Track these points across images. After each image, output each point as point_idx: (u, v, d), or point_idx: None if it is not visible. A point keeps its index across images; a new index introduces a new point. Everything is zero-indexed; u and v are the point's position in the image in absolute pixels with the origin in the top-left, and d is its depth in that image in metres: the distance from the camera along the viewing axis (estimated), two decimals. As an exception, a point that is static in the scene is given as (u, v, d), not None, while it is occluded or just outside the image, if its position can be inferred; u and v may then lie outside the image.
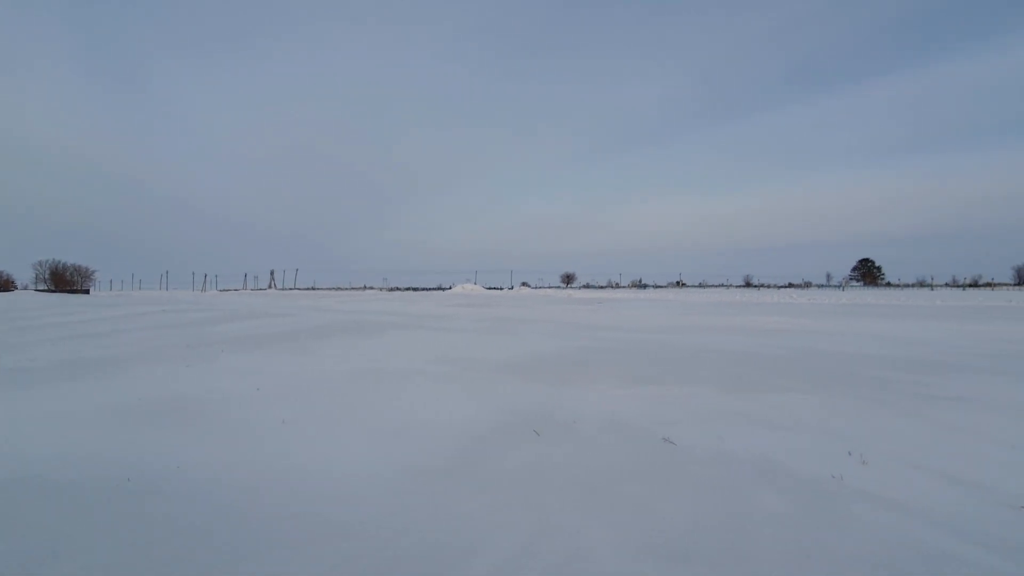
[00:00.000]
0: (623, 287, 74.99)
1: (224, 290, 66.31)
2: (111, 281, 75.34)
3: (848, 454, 2.30)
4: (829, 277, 76.41)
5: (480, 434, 2.64)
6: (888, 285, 70.19)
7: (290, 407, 3.17)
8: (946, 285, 61.21)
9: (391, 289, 66.70)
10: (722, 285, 76.50)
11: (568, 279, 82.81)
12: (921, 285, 63.01)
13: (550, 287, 70.40)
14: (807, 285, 72.12)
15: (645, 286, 75.18)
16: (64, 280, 56.69)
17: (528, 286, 65.78)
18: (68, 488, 1.96)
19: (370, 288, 70.20)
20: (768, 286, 71.97)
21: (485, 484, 2.01)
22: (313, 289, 67.07)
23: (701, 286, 75.72)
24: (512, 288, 59.23)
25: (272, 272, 73.21)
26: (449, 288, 56.87)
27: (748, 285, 76.11)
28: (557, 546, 1.53)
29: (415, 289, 65.98)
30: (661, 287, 71.50)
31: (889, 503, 1.81)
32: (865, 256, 79.66)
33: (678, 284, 78.06)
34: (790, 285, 72.38)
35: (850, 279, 76.23)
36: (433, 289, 65.46)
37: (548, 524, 1.67)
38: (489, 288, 57.00)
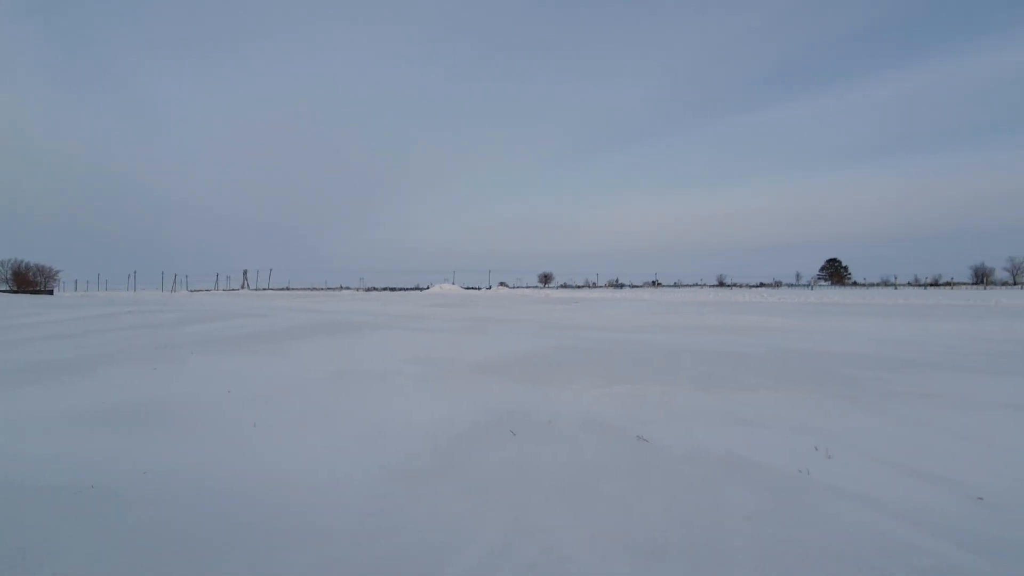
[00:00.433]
0: (600, 287, 75.68)
1: (195, 290, 64.42)
2: (76, 282, 72.54)
3: (815, 449, 2.36)
4: (798, 277, 78.50)
5: (457, 434, 2.63)
6: (855, 284, 72.55)
7: (262, 410, 3.11)
8: (909, 284, 63.56)
9: (368, 289, 65.90)
10: (696, 285, 77.86)
11: (546, 279, 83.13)
12: (885, 284, 65.33)
13: (528, 287, 70.58)
14: (777, 284, 73.99)
15: (622, 286, 76.00)
16: (27, 280, 54.30)
17: (506, 286, 65.78)
18: (30, 495, 1.88)
19: (346, 288, 69.18)
20: (740, 285, 73.63)
21: (462, 484, 2.00)
22: (288, 289, 65.74)
23: (676, 286, 76.89)
24: (490, 288, 59.13)
25: (245, 272, 71.48)
26: (427, 288, 56.45)
27: (721, 285, 77.66)
28: (533, 544, 1.54)
29: (392, 289, 65.28)
30: (637, 287, 72.43)
31: (852, 496, 1.87)
32: (833, 256, 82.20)
33: (654, 284, 79.17)
34: (761, 285, 74.18)
35: (818, 279, 78.43)
36: (411, 289, 64.88)
37: (524, 523, 1.67)
38: (467, 288, 56.77)
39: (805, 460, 2.23)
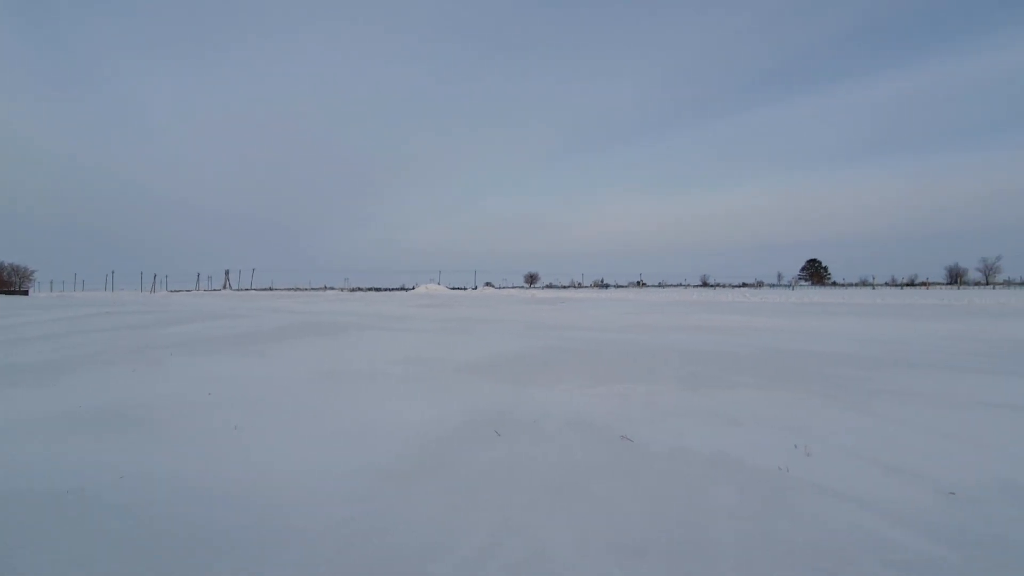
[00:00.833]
0: (585, 287, 76.01)
1: (175, 291, 63.15)
2: (52, 282, 70.63)
3: (794, 446, 2.41)
4: (780, 277, 79.84)
5: (442, 435, 2.63)
6: (834, 284, 74.00)
7: (244, 412, 3.07)
8: (886, 284, 64.90)
9: (352, 289, 65.29)
10: (680, 285, 78.63)
11: (531, 279, 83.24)
12: (864, 284, 66.65)
13: (514, 287, 70.56)
14: (759, 284, 75.13)
15: (607, 286, 76.43)
16: (1, 281, 52.91)
17: (492, 286, 65.72)
18: (4, 500, 1.83)
19: (330, 288, 68.44)
20: (724, 285, 74.59)
21: (447, 485, 2.01)
22: (271, 289, 64.79)
23: (661, 286, 77.54)
24: (476, 288, 59.06)
25: (227, 272, 70.09)
26: (412, 288, 56.15)
27: (705, 285, 78.60)
28: (518, 544, 1.55)
29: (377, 289, 64.75)
30: (622, 287, 72.90)
31: (830, 492, 1.91)
32: (813, 257, 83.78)
33: (639, 284, 79.75)
34: (744, 285, 75.27)
35: (799, 279, 79.83)
36: (396, 289, 64.48)
37: (509, 523, 1.68)
38: (453, 288, 56.60)
39: (785, 457, 2.27)
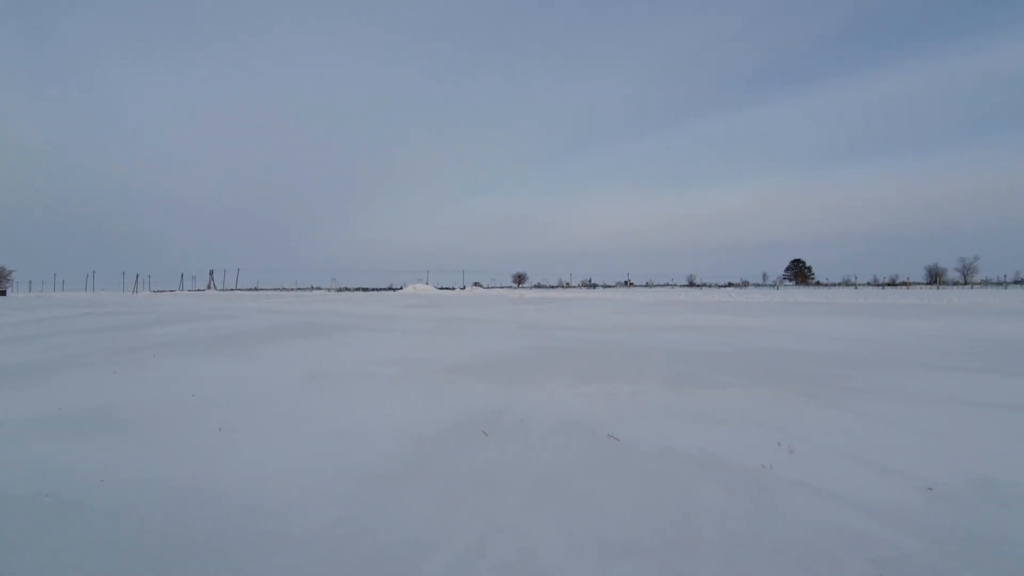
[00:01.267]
0: (573, 287, 76.26)
1: (158, 291, 62.06)
2: (31, 282, 69.04)
3: (777, 444, 2.45)
4: (765, 276, 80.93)
5: (429, 436, 2.62)
6: (817, 284, 75.20)
7: (228, 414, 3.03)
8: (868, 284, 66.11)
9: (340, 289, 64.71)
10: (667, 284, 79.26)
11: (520, 279, 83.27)
12: (846, 284, 67.88)
13: (502, 287, 70.54)
14: (745, 284, 76.14)
15: (595, 286, 76.78)
16: (-23, 280, 51.64)
17: (480, 286, 65.62)
18: (-27, 511, 1.79)
19: (317, 288, 67.80)
20: (710, 285, 75.40)
21: (437, 485, 2.00)
22: (256, 290, 63.94)
23: (648, 285, 78.07)
24: (464, 288, 58.92)
25: (211, 272, 68.92)
26: (400, 288, 55.86)
27: (691, 284, 79.33)
28: (506, 545, 1.55)
29: (365, 289, 64.28)
30: (610, 287, 73.30)
31: (813, 489, 1.94)
32: (797, 257, 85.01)
33: (626, 284, 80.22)
34: (730, 284, 76.16)
35: (784, 279, 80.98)
36: (384, 289, 64.09)
37: (497, 524, 1.68)
38: (441, 288, 56.43)
39: (768, 455, 2.30)
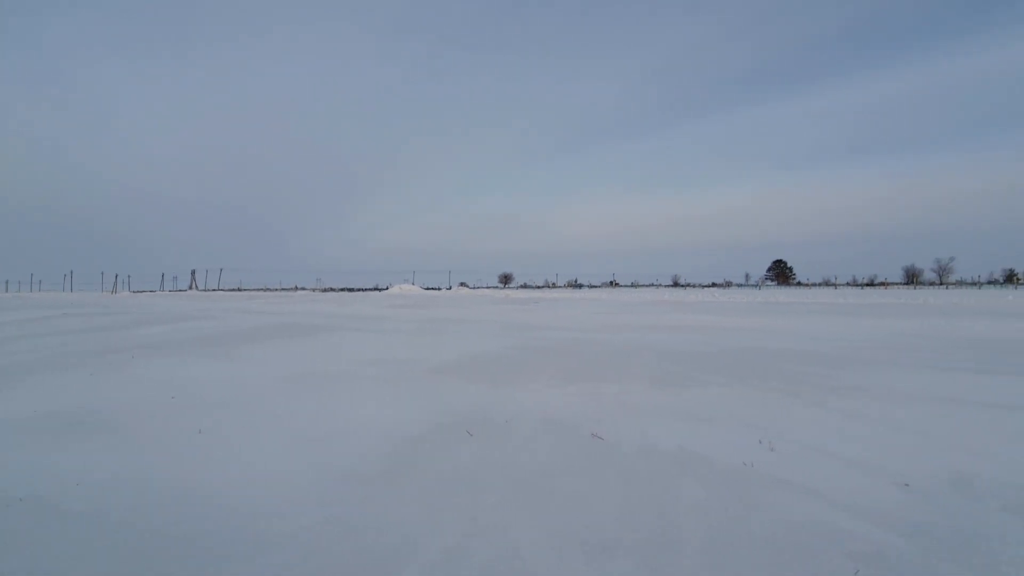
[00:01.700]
0: (559, 287, 76.54)
1: (138, 291, 60.70)
2: (7, 282, 67.21)
3: (759, 442, 2.48)
4: (747, 277, 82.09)
5: (414, 436, 2.60)
6: (798, 284, 76.47)
7: (209, 416, 2.97)
8: (847, 284, 67.41)
9: (325, 290, 64.00)
10: (652, 284, 79.95)
11: (506, 279, 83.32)
12: (826, 284, 69.11)
13: (488, 287, 70.49)
14: (728, 284, 77.26)
15: (581, 286, 77.19)
16: (-48, 281, 50.02)
17: (466, 286, 65.46)
18: (-63, 518, 1.72)
19: (301, 289, 66.97)
20: (694, 285, 76.31)
21: (421, 485, 1.98)
22: (239, 290, 62.96)
23: (633, 285, 78.73)
24: (450, 288, 58.71)
25: (193, 272, 67.61)
26: (386, 289, 55.45)
27: (676, 284, 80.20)
28: (489, 544, 1.54)
29: (351, 290, 63.69)
30: (596, 287, 73.80)
31: (793, 486, 1.97)
32: (778, 257, 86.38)
33: (612, 284, 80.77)
34: (713, 284, 77.14)
35: (766, 278, 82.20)
36: (369, 290, 63.58)
37: (481, 523, 1.68)
38: (427, 288, 56.17)
39: (750, 453, 2.33)
